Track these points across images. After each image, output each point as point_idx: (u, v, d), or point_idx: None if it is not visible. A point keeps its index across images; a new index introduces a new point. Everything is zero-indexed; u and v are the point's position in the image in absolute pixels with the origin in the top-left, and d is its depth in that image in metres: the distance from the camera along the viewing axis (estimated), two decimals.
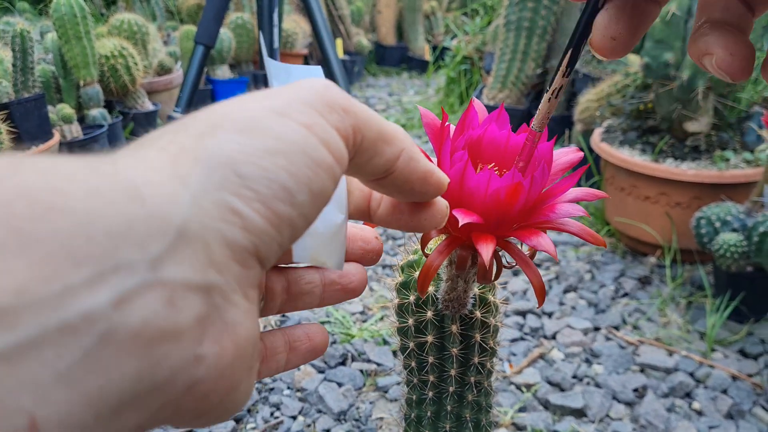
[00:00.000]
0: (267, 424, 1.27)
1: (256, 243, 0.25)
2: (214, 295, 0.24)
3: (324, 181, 0.27)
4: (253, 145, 0.26)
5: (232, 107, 0.27)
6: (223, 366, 0.25)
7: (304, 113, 0.28)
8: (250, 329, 0.26)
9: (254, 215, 0.25)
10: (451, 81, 3.47)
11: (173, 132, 0.26)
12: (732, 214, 1.56)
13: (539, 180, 0.42)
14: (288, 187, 0.26)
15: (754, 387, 1.38)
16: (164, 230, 0.22)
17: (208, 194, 0.24)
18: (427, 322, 0.72)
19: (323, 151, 0.27)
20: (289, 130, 0.27)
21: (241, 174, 0.25)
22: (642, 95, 1.93)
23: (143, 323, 0.21)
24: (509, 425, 1.27)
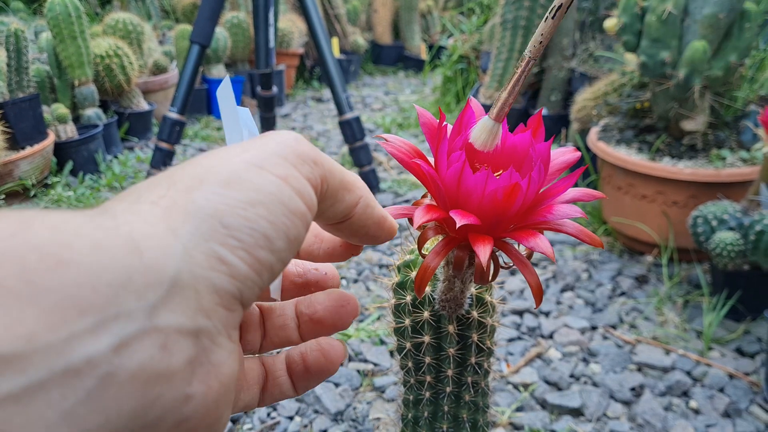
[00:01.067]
0: (263, 425, 1.26)
1: (241, 288, 0.28)
2: (203, 338, 0.26)
3: (299, 228, 0.30)
4: (235, 197, 0.28)
5: (215, 161, 0.30)
6: (209, 403, 0.27)
7: (279, 166, 0.30)
8: (232, 367, 0.28)
9: (239, 263, 0.27)
10: (448, 80, 3.47)
11: (165, 186, 0.28)
12: (729, 213, 1.56)
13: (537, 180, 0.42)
14: (268, 235, 0.28)
15: (751, 385, 1.38)
16: (160, 280, 0.24)
17: (198, 245, 0.26)
18: (424, 323, 0.72)
19: (298, 200, 0.30)
20: (267, 182, 0.29)
21: (227, 224, 0.27)
22: (639, 94, 1.93)
23: (140, 366, 0.23)
24: (507, 425, 1.27)
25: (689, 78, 1.66)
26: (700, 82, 1.67)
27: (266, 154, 0.30)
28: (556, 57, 2.71)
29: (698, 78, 1.66)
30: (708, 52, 1.64)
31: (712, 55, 1.68)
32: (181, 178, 0.29)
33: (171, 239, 0.26)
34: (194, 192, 0.28)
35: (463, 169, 0.41)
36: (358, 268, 1.86)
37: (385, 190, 2.42)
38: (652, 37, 1.70)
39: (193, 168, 0.29)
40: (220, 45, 3.23)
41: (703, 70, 1.65)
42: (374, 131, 3.18)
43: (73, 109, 2.46)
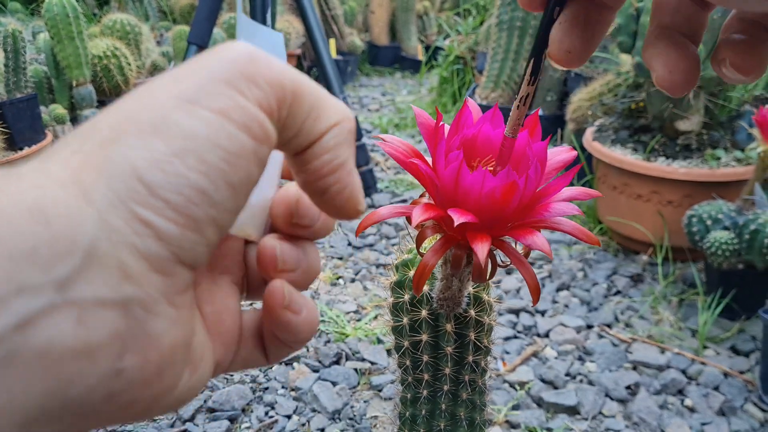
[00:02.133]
0: (261, 424, 1.27)
1: (176, 251, 0.25)
2: (134, 308, 0.24)
3: (245, 169, 0.26)
4: (158, 148, 0.24)
5: (139, 102, 0.26)
6: (148, 375, 0.25)
7: (218, 96, 0.25)
8: (177, 336, 0.26)
9: (167, 224, 0.24)
10: (444, 81, 3.48)
11: (80, 139, 0.25)
12: (723, 212, 1.57)
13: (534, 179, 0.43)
14: (202, 187, 0.25)
15: (746, 384, 1.39)
16: (71, 251, 0.22)
17: (114, 209, 0.23)
18: (422, 321, 0.73)
19: (242, 137, 0.25)
20: (198, 124, 0.25)
21: (147, 183, 0.24)
22: (634, 94, 1.94)
23: (48, 344, 0.21)
24: (503, 423, 1.27)
25: None
26: None
27: (203, 81, 0.25)
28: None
29: None
30: (703, 53, 1.65)
31: (707, 56, 1.69)
32: (99, 129, 0.25)
33: (83, 204, 0.23)
34: (110, 146, 0.24)
35: (461, 168, 0.42)
36: (356, 268, 1.86)
37: (383, 190, 2.42)
38: None
39: (114, 114, 0.25)
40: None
41: None
42: (371, 132, 3.19)
43: (71, 109, 2.46)
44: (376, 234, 2.08)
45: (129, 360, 0.24)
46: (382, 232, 2.09)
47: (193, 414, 1.28)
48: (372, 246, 2.01)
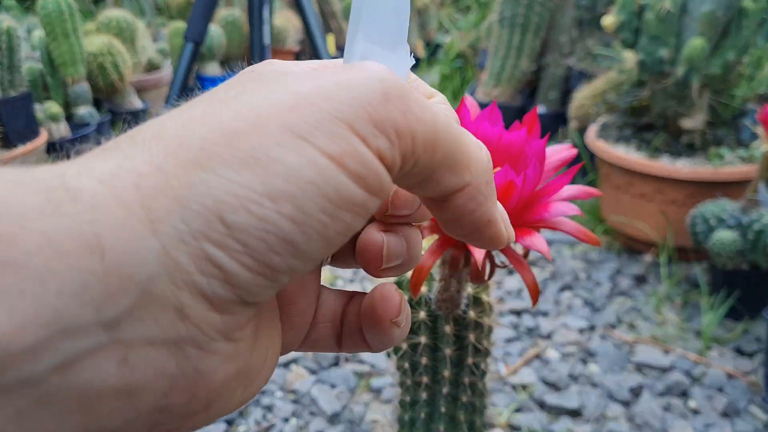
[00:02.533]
0: (259, 427, 1.25)
1: (242, 294, 0.22)
2: (186, 348, 0.22)
3: (348, 223, 0.23)
4: (251, 186, 0.21)
5: (243, 123, 0.22)
6: (195, 409, 0.23)
7: (334, 137, 0.22)
8: (231, 370, 0.24)
9: (239, 269, 0.21)
10: (445, 77, 3.46)
11: (162, 149, 0.21)
12: (727, 212, 1.55)
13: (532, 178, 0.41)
14: (290, 239, 0.21)
15: (750, 385, 1.37)
16: (126, 288, 0.20)
17: (183, 244, 0.21)
18: (420, 323, 0.71)
19: (353, 188, 0.22)
20: (305, 165, 0.21)
21: (228, 223, 0.21)
22: (637, 92, 1.92)
23: (88, 385, 0.20)
24: (505, 426, 1.26)
25: (688, 76, 1.65)
26: (698, 80, 1.66)
27: (322, 116, 0.22)
28: (554, 54, 2.70)
29: (697, 76, 1.65)
30: (706, 50, 1.63)
31: (711, 53, 1.67)
32: (188, 144, 0.21)
33: (147, 235, 0.20)
34: (196, 171, 0.21)
35: None
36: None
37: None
38: (650, 35, 1.69)
39: (211, 128, 0.22)
40: (215, 42, 3.21)
41: (702, 68, 1.64)
42: None
43: (66, 107, 2.44)
44: None
45: (175, 398, 0.22)
46: None
47: None
48: None
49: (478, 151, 0.26)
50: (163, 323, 0.21)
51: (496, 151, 0.46)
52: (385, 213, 0.29)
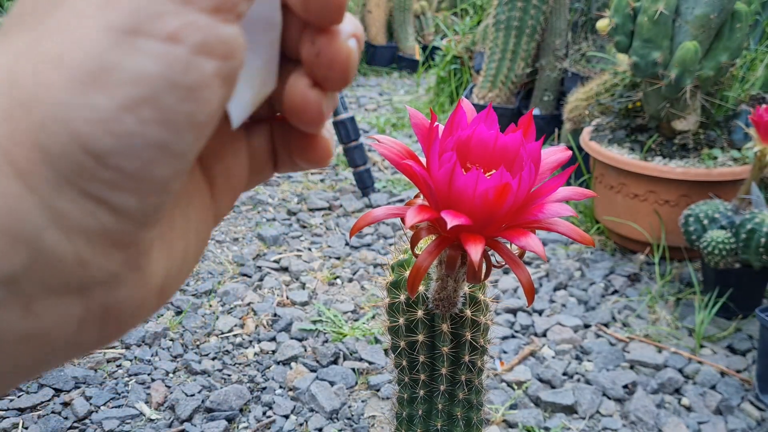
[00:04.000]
0: (259, 424, 1.27)
1: (138, 219, 0.21)
2: (92, 289, 0.21)
3: (212, 98, 0.21)
4: (101, 104, 0.19)
5: (60, 35, 0.20)
6: (112, 331, 0.23)
7: (164, 16, 0.20)
8: (145, 291, 0.24)
9: (125, 197, 0.20)
10: (442, 80, 3.48)
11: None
12: (720, 212, 1.57)
13: (527, 180, 0.43)
14: (163, 142, 0.20)
15: (743, 382, 1.39)
16: (15, 248, 0.19)
17: (60, 191, 0.19)
18: (418, 321, 0.73)
19: (202, 63, 0.20)
20: (148, 62, 0.19)
21: (95, 152, 0.19)
22: (630, 94, 1.94)
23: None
24: (500, 422, 1.27)
25: (681, 78, 1.67)
26: (691, 82, 1.68)
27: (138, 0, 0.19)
28: (548, 57, 2.72)
29: (689, 78, 1.67)
30: (699, 53, 1.65)
31: (704, 56, 1.69)
32: (14, 81, 0.20)
33: (23, 191, 0.19)
34: (38, 106, 0.19)
35: (454, 169, 0.42)
36: (353, 268, 1.86)
37: (380, 189, 2.42)
38: (643, 38, 1.71)
39: (28, 53, 0.20)
40: None
41: (695, 70, 1.66)
42: (369, 131, 3.19)
43: None
44: (373, 234, 2.08)
45: (88, 332, 0.22)
46: (380, 231, 2.09)
47: (191, 414, 1.28)
48: (369, 246, 2.01)
49: None
50: (63, 273, 0.20)
51: (492, 153, 0.48)
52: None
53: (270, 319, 1.60)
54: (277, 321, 1.59)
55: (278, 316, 1.61)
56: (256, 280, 1.78)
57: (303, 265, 1.86)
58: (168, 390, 1.35)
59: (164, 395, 1.33)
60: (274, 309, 1.64)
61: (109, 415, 1.26)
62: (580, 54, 2.65)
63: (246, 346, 1.51)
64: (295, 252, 1.95)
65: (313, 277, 1.81)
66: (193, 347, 1.49)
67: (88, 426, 1.24)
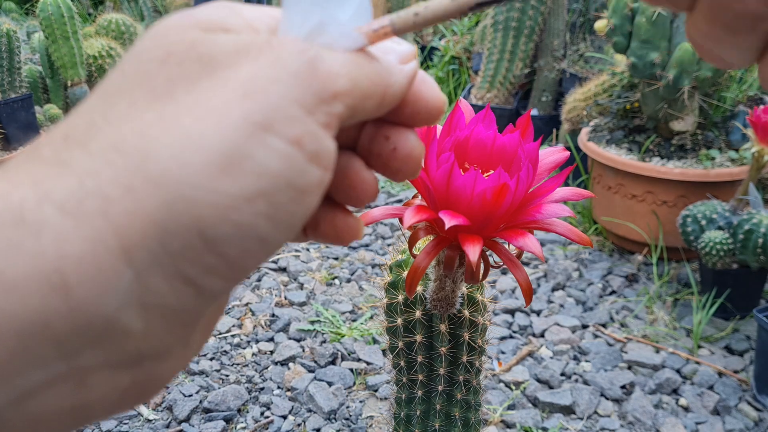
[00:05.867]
0: (257, 424, 1.27)
1: (210, 299, 0.22)
2: (144, 362, 0.22)
3: (310, 204, 0.22)
4: (228, 192, 0.19)
5: (199, 113, 0.20)
6: (147, 395, 0.24)
7: (293, 120, 0.20)
8: (183, 362, 0.24)
9: (214, 281, 0.21)
10: (440, 81, 3.47)
11: (122, 168, 0.19)
12: (718, 212, 1.57)
13: (525, 180, 0.43)
14: (264, 237, 0.21)
15: (740, 383, 1.40)
16: (90, 324, 0.19)
17: (158, 267, 0.19)
18: (416, 322, 0.73)
19: (312, 170, 0.21)
20: (274, 158, 0.20)
21: (209, 238, 0.19)
22: (628, 95, 1.94)
23: (42, 410, 0.20)
24: (498, 423, 1.27)
25: (678, 79, 1.67)
26: (689, 82, 1.68)
27: (276, 98, 0.20)
28: (546, 58, 2.72)
29: (687, 79, 1.67)
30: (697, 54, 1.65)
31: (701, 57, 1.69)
32: (144, 156, 0.19)
33: (120, 265, 0.19)
34: (166, 187, 0.19)
35: (452, 170, 0.42)
36: (351, 268, 1.86)
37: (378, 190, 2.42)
38: (641, 39, 1.71)
39: (165, 132, 0.20)
40: None
41: (692, 71, 1.67)
42: None
43: (65, 109, 2.45)
44: (371, 234, 2.08)
45: (127, 401, 0.23)
46: (378, 232, 2.09)
47: (189, 414, 1.28)
48: (368, 246, 2.01)
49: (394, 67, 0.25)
50: (125, 347, 0.20)
51: (490, 153, 0.48)
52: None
53: (268, 320, 1.60)
54: (275, 321, 1.59)
55: (276, 317, 1.61)
56: (254, 281, 1.78)
57: (301, 266, 1.86)
58: (166, 390, 1.35)
59: (162, 395, 1.33)
60: (272, 309, 1.64)
61: None
62: (578, 55, 2.65)
63: (244, 346, 1.51)
64: (293, 252, 1.95)
65: (312, 277, 1.81)
66: None
67: (86, 426, 1.24)
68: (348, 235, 0.29)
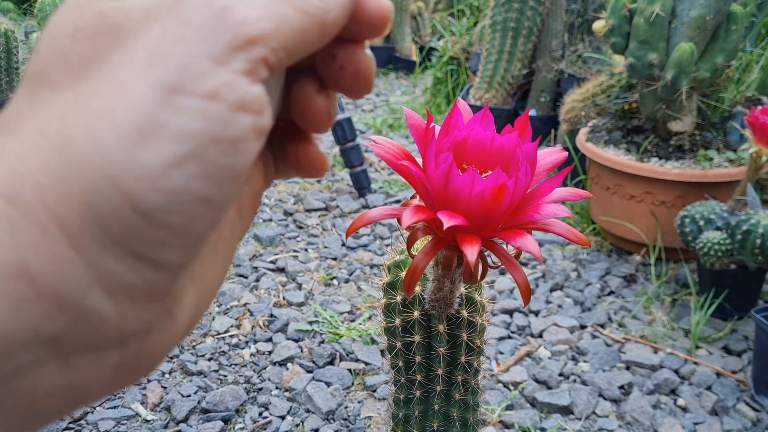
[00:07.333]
0: (255, 425, 1.27)
1: (176, 269, 0.22)
2: (128, 341, 0.22)
3: (247, 151, 0.21)
4: (151, 162, 0.19)
5: (107, 90, 0.20)
6: (144, 369, 0.24)
7: (204, 76, 0.20)
8: (176, 333, 0.24)
9: (169, 252, 0.21)
10: (438, 81, 3.48)
11: (48, 152, 0.20)
12: (716, 213, 1.57)
13: (523, 181, 0.43)
14: (207, 195, 0.21)
15: (738, 383, 1.40)
16: (61, 307, 0.19)
17: (107, 250, 0.20)
18: (414, 322, 0.73)
19: (240, 118, 0.21)
20: (191, 119, 0.20)
21: (145, 212, 0.20)
22: (627, 95, 1.95)
23: (31, 390, 0.21)
24: (497, 423, 1.27)
25: (677, 79, 1.68)
26: (687, 83, 1.68)
27: (181, 60, 0.20)
28: (545, 58, 2.72)
29: (685, 79, 1.68)
30: (695, 54, 1.65)
31: (700, 57, 1.70)
32: (65, 139, 0.20)
33: (70, 252, 0.19)
34: (90, 169, 0.19)
35: (451, 170, 0.42)
36: (350, 268, 1.86)
37: (377, 190, 2.43)
38: (639, 39, 1.71)
39: (81, 114, 0.20)
40: None
41: (691, 71, 1.67)
42: (365, 132, 3.19)
43: None
44: (370, 234, 2.08)
45: (121, 377, 0.23)
46: (376, 232, 2.09)
47: (187, 415, 1.28)
48: (366, 246, 2.01)
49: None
50: (102, 330, 0.21)
51: (488, 154, 0.48)
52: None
53: (266, 320, 1.60)
54: (274, 322, 1.59)
55: (274, 317, 1.61)
56: (253, 281, 1.78)
57: (299, 266, 1.86)
58: (164, 391, 1.35)
59: (160, 396, 1.33)
60: (270, 309, 1.64)
61: (105, 416, 1.26)
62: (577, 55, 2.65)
63: (242, 346, 1.51)
64: (292, 252, 1.95)
65: (310, 277, 1.81)
66: (189, 348, 1.49)
67: (84, 426, 1.24)
68: (312, 168, 0.29)
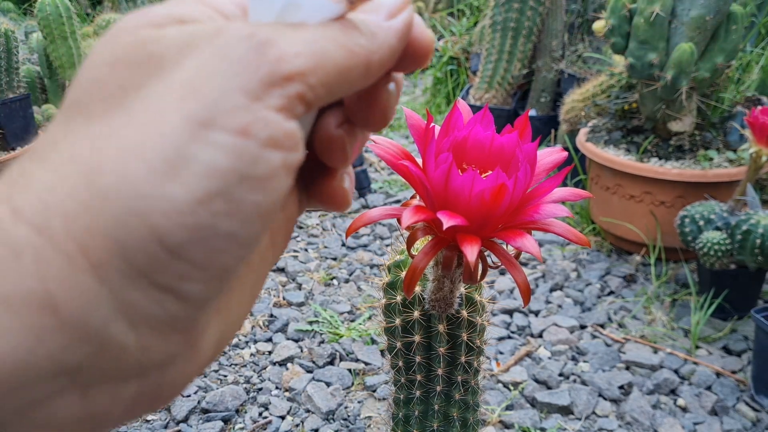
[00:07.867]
0: (255, 424, 1.27)
1: (201, 303, 0.22)
2: (149, 372, 0.22)
3: (277, 189, 0.21)
4: (178, 197, 0.19)
5: (140, 121, 0.20)
6: (164, 399, 0.24)
7: (237, 111, 0.20)
8: (197, 365, 0.24)
9: (191, 286, 0.21)
10: (438, 81, 3.48)
11: (76, 182, 0.20)
12: (715, 213, 1.57)
13: (523, 181, 0.43)
14: (232, 233, 0.20)
15: (738, 383, 1.40)
16: (83, 338, 0.19)
17: (132, 283, 0.20)
18: (414, 322, 0.73)
19: (270, 156, 0.21)
20: (220, 155, 0.20)
21: (170, 247, 0.19)
22: (626, 95, 1.95)
23: (49, 420, 0.20)
24: (496, 423, 1.27)
25: (676, 79, 1.68)
26: (687, 83, 1.68)
27: (215, 93, 0.20)
28: (545, 58, 2.72)
29: (685, 79, 1.68)
30: (695, 54, 1.65)
31: (699, 57, 1.70)
32: (94, 168, 0.20)
33: (94, 284, 0.19)
34: (117, 201, 0.19)
35: (450, 170, 0.42)
36: (350, 268, 1.86)
37: (377, 190, 2.43)
38: (639, 39, 1.71)
39: (111, 144, 0.20)
40: None
41: (690, 71, 1.67)
42: None
43: None
44: (370, 234, 2.08)
45: (140, 407, 0.23)
46: (376, 232, 2.09)
47: (187, 415, 1.28)
48: (366, 246, 2.01)
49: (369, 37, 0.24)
50: (123, 362, 0.21)
51: (488, 154, 0.48)
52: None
53: (266, 320, 1.60)
54: (274, 322, 1.59)
55: (274, 317, 1.61)
56: None
57: (299, 266, 1.86)
58: None
59: None
60: (270, 309, 1.64)
61: None
62: (577, 55, 2.65)
63: (242, 346, 1.51)
64: (292, 252, 1.95)
65: (310, 277, 1.81)
66: None
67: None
68: (331, 202, 0.29)
